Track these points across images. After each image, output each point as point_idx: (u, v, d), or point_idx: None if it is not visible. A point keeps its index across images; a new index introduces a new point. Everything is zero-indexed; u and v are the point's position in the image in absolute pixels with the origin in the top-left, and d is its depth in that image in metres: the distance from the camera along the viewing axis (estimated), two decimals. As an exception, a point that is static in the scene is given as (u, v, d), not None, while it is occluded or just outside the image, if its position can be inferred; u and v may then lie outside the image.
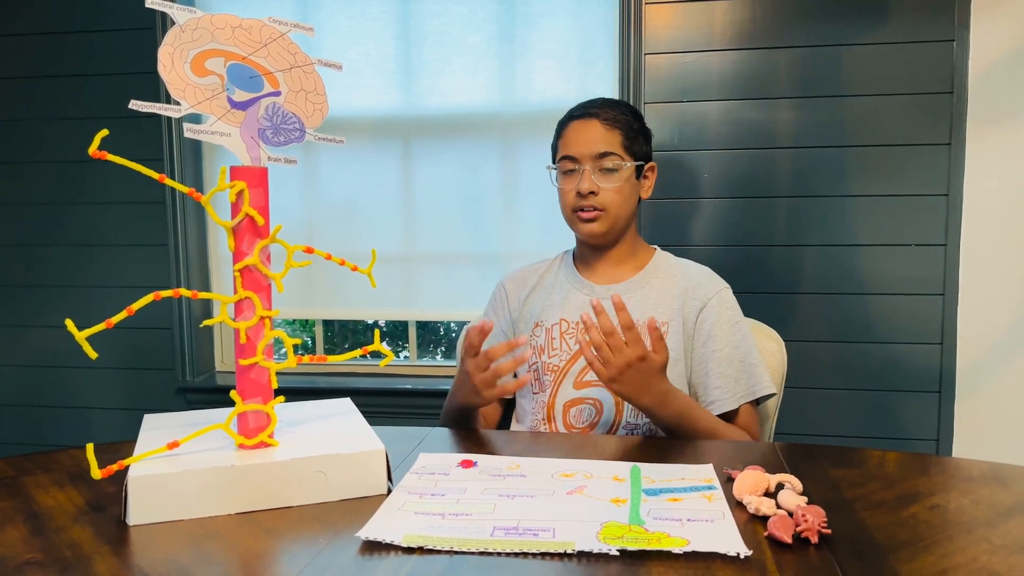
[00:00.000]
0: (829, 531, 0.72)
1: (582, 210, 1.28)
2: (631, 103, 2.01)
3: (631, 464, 0.94)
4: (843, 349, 2.02)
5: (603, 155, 1.26)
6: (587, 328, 1.07)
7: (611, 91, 2.10)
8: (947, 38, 1.91)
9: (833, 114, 1.97)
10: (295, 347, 0.91)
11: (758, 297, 2.01)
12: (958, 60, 1.91)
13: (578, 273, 1.36)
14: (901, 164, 1.96)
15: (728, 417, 1.24)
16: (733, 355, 1.25)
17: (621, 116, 1.29)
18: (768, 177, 2.01)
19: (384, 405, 2.22)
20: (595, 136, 1.27)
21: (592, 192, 1.26)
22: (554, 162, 1.34)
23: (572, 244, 1.43)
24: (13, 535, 0.76)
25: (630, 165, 1.28)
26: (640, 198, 1.34)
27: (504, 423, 1.45)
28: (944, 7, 1.91)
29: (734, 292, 1.32)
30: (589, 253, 1.36)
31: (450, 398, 1.25)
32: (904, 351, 1.99)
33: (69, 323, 0.78)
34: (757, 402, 1.27)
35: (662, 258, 1.36)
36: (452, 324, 3.26)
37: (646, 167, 1.33)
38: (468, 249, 2.23)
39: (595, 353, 1.07)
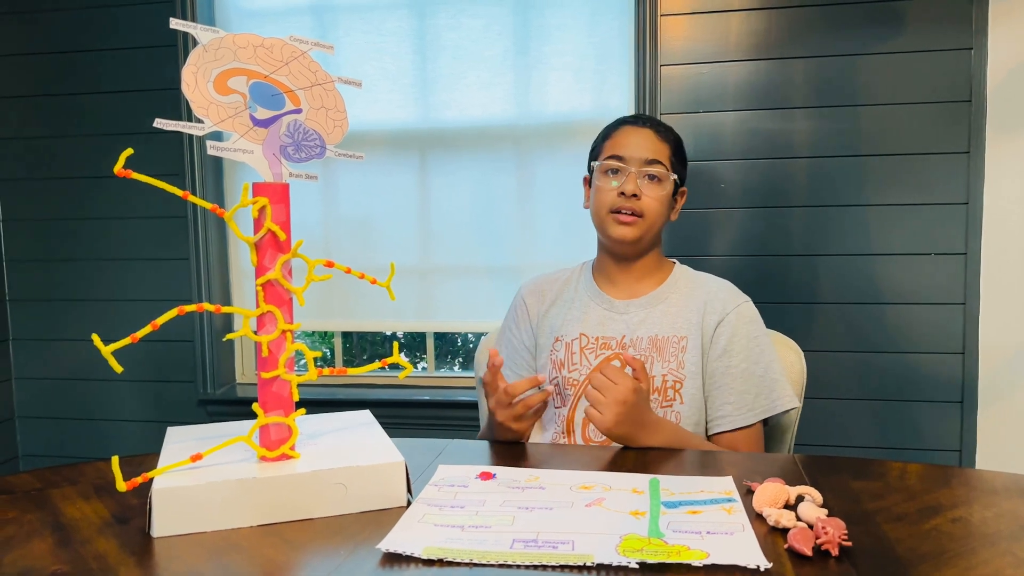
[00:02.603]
0: (850, 543, 0.72)
1: (620, 212, 1.27)
2: (647, 114, 2.02)
3: (650, 476, 0.94)
4: (863, 359, 2.00)
5: (652, 162, 1.27)
6: (584, 391, 1.11)
7: (627, 103, 2.10)
8: (965, 46, 1.90)
9: (850, 123, 1.97)
10: (315, 360, 0.92)
11: (776, 307, 2.00)
12: (976, 68, 1.90)
13: (597, 287, 1.36)
14: (919, 173, 1.94)
15: (738, 432, 1.24)
16: (751, 370, 1.24)
17: (671, 135, 1.33)
18: (785, 187, 2.00)
19: (403, 416, 2.23)
20: (648, 142, 1.29)
21: (635, 195, 1.26)
22: (594, 160, 1.34)
23: (591, 255, 1.41)
24: (40, 547, 0.77)
25: (673, 178, 1.30)
26: (669, 218, 1.34)
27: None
28: (961, 15, 1.90)
29: (753, 302, 1.32)
30: (612, 265, 1.34)
31: (485, 430, 1.28)
32: (925, 361, 1.97)
33: (95, 338, 0.79)
34: (770, 420, 1.26)
35: (682, 272, 1.36)
36: (469, 335, 3.27)
37: (680, 188, 1.34)
38: (484, 260, 2.24)
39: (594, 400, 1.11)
